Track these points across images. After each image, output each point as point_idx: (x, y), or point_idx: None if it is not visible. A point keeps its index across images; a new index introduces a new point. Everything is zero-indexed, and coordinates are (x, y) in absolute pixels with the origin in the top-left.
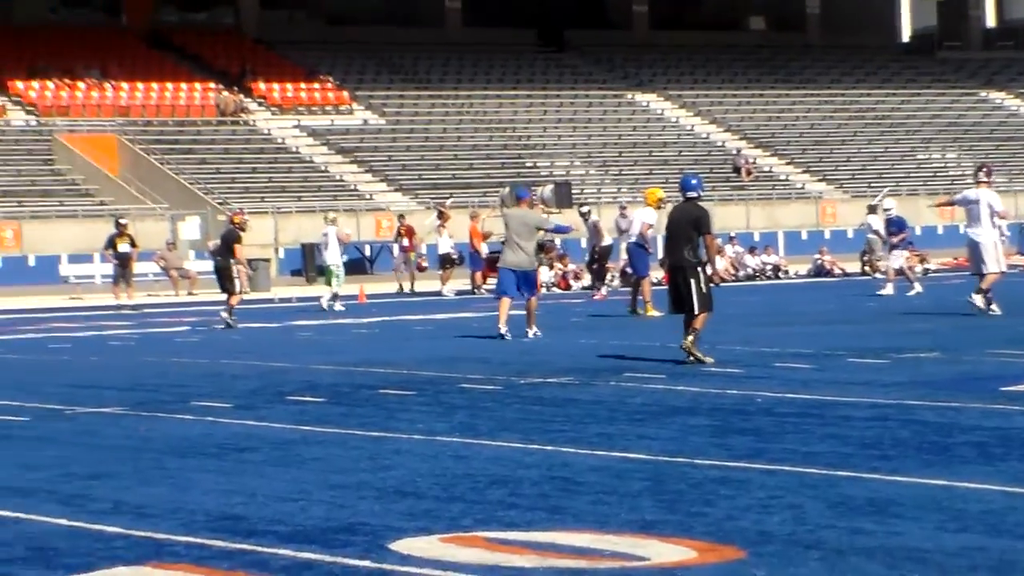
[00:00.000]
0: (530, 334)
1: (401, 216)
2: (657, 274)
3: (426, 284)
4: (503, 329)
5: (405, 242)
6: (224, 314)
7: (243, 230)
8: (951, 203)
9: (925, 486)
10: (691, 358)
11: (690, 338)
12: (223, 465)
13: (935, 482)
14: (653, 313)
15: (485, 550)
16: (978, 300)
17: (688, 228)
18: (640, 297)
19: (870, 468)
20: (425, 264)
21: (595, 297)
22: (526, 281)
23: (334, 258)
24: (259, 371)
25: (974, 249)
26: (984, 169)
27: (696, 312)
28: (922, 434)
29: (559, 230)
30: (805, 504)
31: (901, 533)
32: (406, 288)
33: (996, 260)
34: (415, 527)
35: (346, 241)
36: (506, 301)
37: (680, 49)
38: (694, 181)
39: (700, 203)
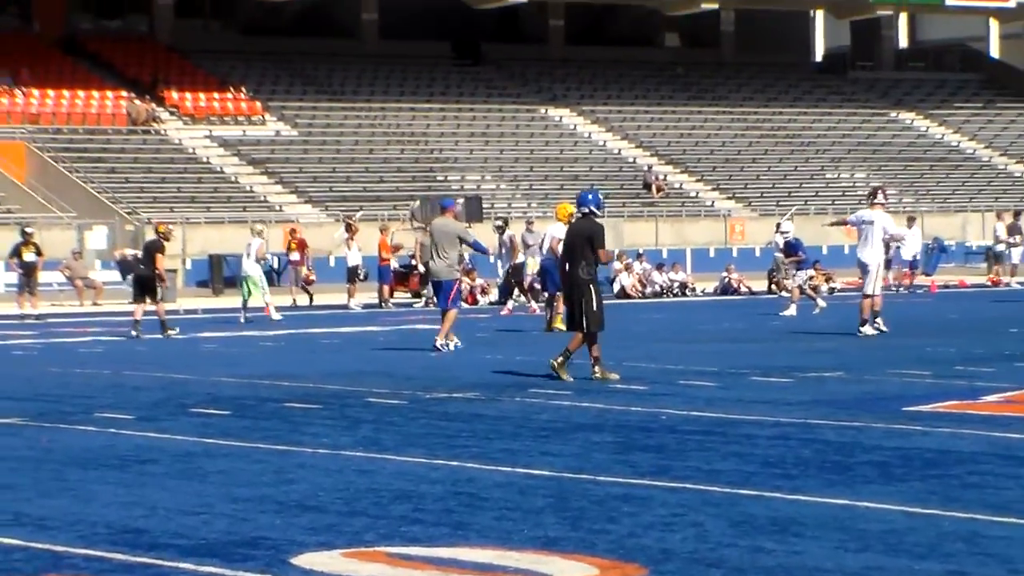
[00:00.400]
0: (439, 343)
1: (293, 229)
2: None
3: (327, 297)
4: (439, 342)
5: (296, 255)
6: (146, 327)
7: (167, 240)
8: (845, 223)
9: (826, 505)
10: (555, 375)
11: (560, 359)
12: (125, 477)
13: (836, 501)
14: (563, 328)
15: (387, 565)
16: (867, 330)
17: (584, 244)
18: (556, 313)
19: (772, 487)
20: (313, 277)
21: (502, 313)
22: (441, 291)
23: (253, 268)
24: (162, 383)
25: (863, 269)
26: (879, 191)
27: (586, 330)
28: (824, 453)
29: (477, 247)
30: (707, 522)
31: (802, 552)
32: (300, 302)
33: (873, 283)
34: (317, 542)
35: (260, 256)
36: (451, 313)
37: (595, 64)
38: (590, 196)
39: (597, 219)
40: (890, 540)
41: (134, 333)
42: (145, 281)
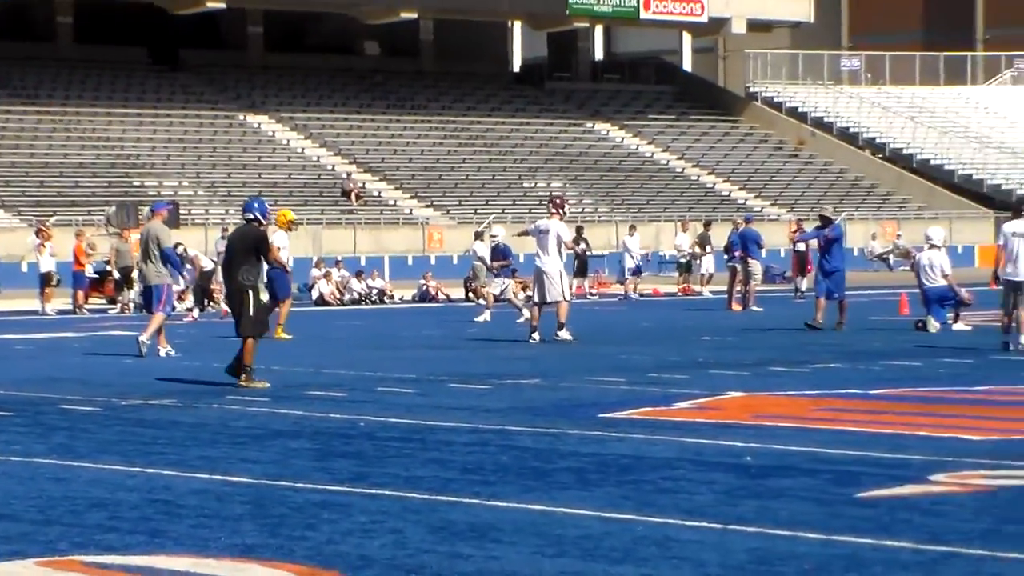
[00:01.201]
0: (143, 343)
1: None
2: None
3: (19, 303)
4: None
5: None
6: None
7: None
8: (526, 233)
9: (524, 511)
10: (244, 385)
11: (243, 376)
12: None
13: (534, 507)
14: (283, 336)
15: (82, 574)
16: (564, 335)
17: (248, 251)
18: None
19: (471, 493)
20: None
21: (187, 320)
22: (148, 296)
23: None
24: None
25: (539, 278)
26: (556, 200)
27: (245, 335)
28: (522, 459)
29: (170, 257)
30: (406, 528)
31: (499, 557)
32: None
33: (561, 290)
34: (10, 551)
35: None
36: (157, 316)
37: (294, 72)
38: (256, 204)
39: (260, 226)
40: (586, 545)
41: None
42: None
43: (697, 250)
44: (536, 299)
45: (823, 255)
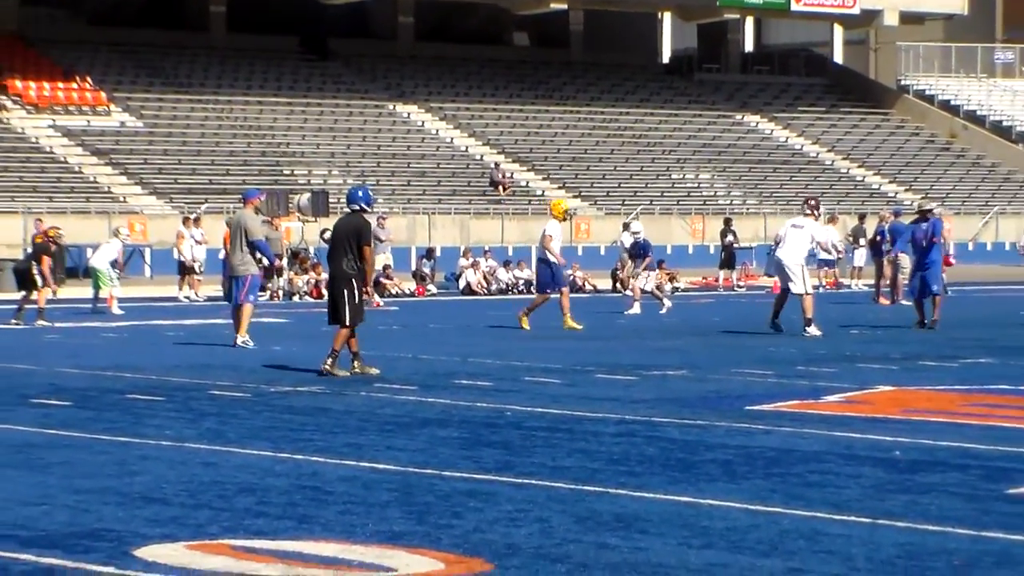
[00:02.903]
0: (239, 341)
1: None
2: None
3: (170, 290)
4: (239, 339)
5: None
6: (42, 318)
7: (55, 244)
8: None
9: (671, 502)
10: (326, 374)
11: (329, 361)
12: None
13: (680, 499)
14: (574, 325)
15: (231, 558)
16: (812, 330)
17: (350, 239)
18: (531, 309)
19: (617, 483)
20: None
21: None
22: (238, 286)
23: (101, 263)
24: (3, 373)
25: (780, 269)
26: (811, 201)
27: (347, 324)
28: (668, 451)
29: (262, 248)
30: (552, 518)
31: (646, 548)
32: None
33: (803, 283)
34: (160, 534)
35: (119, 261)
36: (246, 308)
37: (443, 62)
38: (360, 194)
39: (364, 215)
40: (733, 537)
41: (14, 321)
42: (21, 274)
43: (848, 243)
44: (784, 285)
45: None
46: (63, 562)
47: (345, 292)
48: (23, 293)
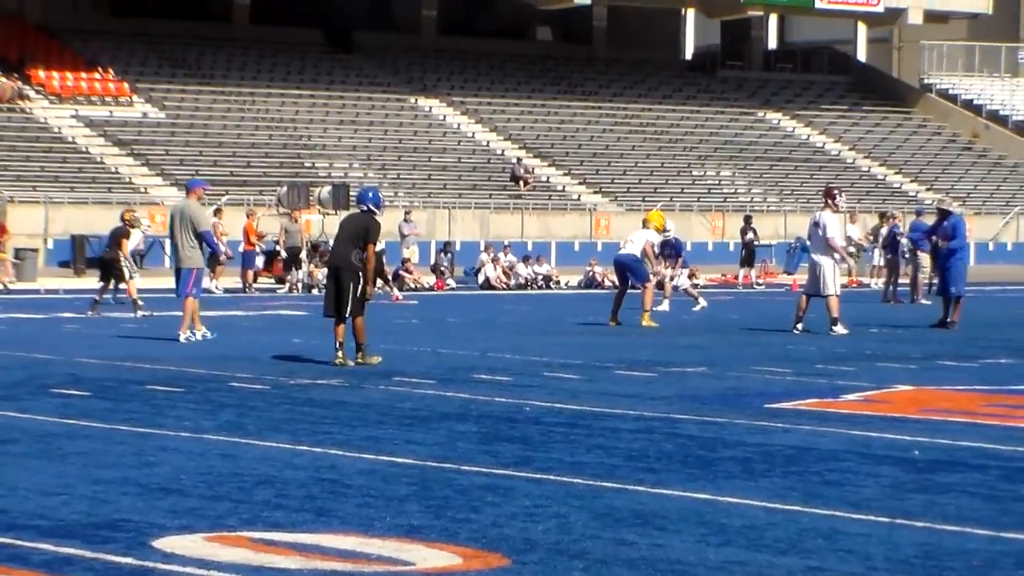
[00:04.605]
0: (182, 337)
1: None
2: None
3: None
4: (183, 336)
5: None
6: (139, 307)
7: (132, 227)
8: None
9: (689, 499)
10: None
11: (340, 354)
12: None
13: (699, 496)
14: (651, 324)
15: (249, 550)
16: (839, 329)
17: (358, 235)
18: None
19: (636, 480)
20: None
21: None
22: (184, 280)
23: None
24: (23, 362)
25: (812, 270)
26: (829, 191)
27: (351, 315)
28: (687, 448)
29: (208, 240)
30: (570, 514)
31: (664, 545)
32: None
33: (834, 284)
34: (179, 525)
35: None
36: (189, 302)
37: (466, 56)
38: (370, 195)
39: (374, 216)
40: (751, 535)
41: (91, 312)
42: (108, 264)
43: (869, 241)
44: (807, 290)
45: (943, 251)
46: (82, 552)
47: (352, 284)
48: (102, 284)
